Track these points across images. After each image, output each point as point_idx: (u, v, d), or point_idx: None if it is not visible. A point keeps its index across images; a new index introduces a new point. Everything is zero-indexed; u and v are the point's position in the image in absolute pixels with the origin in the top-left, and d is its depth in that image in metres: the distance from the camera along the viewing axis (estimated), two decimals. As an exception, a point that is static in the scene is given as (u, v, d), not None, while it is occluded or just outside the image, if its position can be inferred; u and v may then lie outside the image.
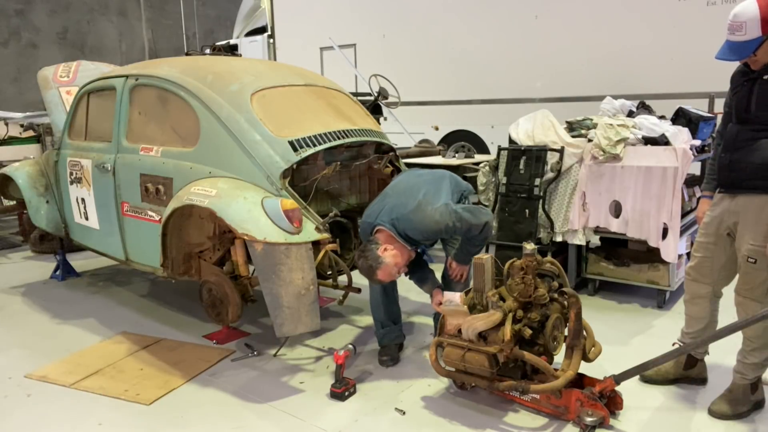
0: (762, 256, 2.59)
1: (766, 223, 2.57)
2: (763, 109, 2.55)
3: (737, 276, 2.76)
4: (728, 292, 2.86)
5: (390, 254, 2.99)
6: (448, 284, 3.36)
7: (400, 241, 3.02)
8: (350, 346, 3.14)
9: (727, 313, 2.88)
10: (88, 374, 3.35)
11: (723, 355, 3.20)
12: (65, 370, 3.42)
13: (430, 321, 3.96)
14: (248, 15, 12.23)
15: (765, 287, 2.65)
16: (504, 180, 4.52)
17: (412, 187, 3.19)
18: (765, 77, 2.54)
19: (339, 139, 3.52)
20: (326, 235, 3.19)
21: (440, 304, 3.15)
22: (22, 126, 7.39)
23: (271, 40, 10.20)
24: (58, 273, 5.19)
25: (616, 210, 4.16)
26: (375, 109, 6.28)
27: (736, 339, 2.72)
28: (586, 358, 2.80)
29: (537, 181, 4.36)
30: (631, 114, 4.44)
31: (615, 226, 4.17)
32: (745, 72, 2.65)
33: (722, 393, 2.82)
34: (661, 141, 3.99)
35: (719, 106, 4.44)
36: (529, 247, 2.75)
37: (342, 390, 3.02)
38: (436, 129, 8.07)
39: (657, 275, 4.15)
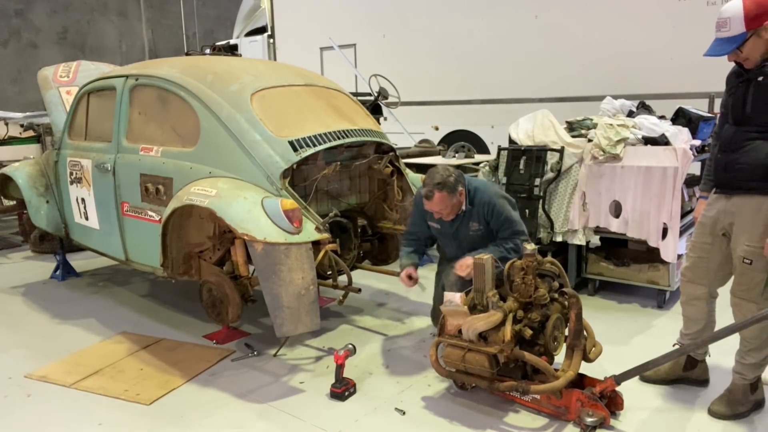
0: (758, 257, 2.58)
1: (763, 224, 2.56)
2: (759, 110, 2.55)
3: (732, 277, 2.76)
4: (725, 293, 2.86)
5: (459, 196, 3.21)
6: (443, 280, 3.38)
7: (463, 193, 3.25)
8: (350, 346, 3.14)
9: (727, 313, 2.87)
10: (88, 374, 3.35)
11: (723, 356, 3.19)
12: (65, 370, 3.41)
13: (430, 321, 3.95)
14: (248, 15, 12.23)
15: (761, 288, 2.64)
16: (504, 180, 4.52)
17: None
18: (759, 79, 2.53)
19: (339, 139, 3.52)
20: (326, 235, 3.19)
21: (408, 276, 3.30)
22: (22, 126, 7.38)
23: (271, 40, 10.20)
24: (58, 273, 5.18)
25: (616, 210, 4.16)
26: (375, 109, 6.28)
27: (736, 339, 2.72)
28: (586, 359, 2.80)
29: (537, 181, 4.36)
30: (631, 114, 4.44)
31: (615, 226, 4.17)
32: (740, 73, 2.64)
33: (722, 393, 2.83)
34: (661, 141, 3.99)
35: (719, 106, 4.45)
36: (530, 247, 2.76)
37: (342, 390, 3.02)
38: (436, 129, 8.07)
39: (657, 275, 4.15)
